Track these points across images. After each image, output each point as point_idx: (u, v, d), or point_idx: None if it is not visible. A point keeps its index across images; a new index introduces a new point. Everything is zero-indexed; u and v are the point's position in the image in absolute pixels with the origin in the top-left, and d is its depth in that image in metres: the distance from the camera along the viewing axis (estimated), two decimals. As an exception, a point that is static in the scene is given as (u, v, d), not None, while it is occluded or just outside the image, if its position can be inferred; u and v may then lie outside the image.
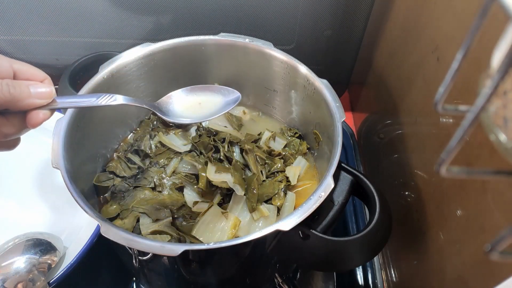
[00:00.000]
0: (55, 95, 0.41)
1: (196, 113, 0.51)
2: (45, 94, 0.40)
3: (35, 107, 0.40)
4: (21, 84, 0.39)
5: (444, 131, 0.49)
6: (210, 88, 0.54)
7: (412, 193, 0.59)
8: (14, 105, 0.38)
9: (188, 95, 0.53)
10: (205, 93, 0.53)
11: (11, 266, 0.55)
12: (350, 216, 0.77)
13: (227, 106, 0.52)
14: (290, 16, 0.77)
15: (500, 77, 0.18)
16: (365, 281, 0.69)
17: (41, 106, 0.40)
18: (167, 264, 0.51)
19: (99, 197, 0.61)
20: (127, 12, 0.76)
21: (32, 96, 0.39)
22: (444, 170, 0.23)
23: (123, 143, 0.69)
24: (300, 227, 0.45)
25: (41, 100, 0.40)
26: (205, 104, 0.52)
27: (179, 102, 0.52)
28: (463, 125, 0.21)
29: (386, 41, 0.73)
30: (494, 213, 0.37)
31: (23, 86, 0.39)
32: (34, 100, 0.39)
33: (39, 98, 0.40)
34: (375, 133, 0.78)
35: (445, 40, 0.50)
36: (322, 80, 0.59)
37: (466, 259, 0.43)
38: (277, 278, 0.60)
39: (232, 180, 0.58)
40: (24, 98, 0.39)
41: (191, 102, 0.52)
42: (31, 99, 0.39)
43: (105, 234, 0.43)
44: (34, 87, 0.40)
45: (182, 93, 0.53)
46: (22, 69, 0.42)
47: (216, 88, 0.54)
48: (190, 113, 0.51)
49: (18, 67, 0.41)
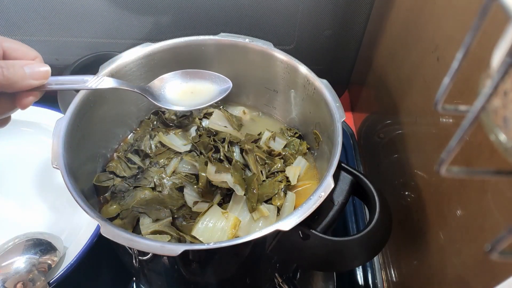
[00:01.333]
0: (50, 74, 0.39)
1: (188, 101, 0.51)
2: (42, 74, 0.38)
3: (31, 88, 0.37)
4: (15, 65, 0.36)
5: (444, 131, 0.49)
6: (202, 74, 0.53)
7: (412, 193, 0.59)
8: (9, 87, 0.36)
9: (181, 81, 0.52)
10: (197, 80, 0.53)
11: (11, 266, 0.55)
12: (350, 216, 0.77)
13: (219, 94, 0.52)
14: (290, 16, 0.77)
15: (500, 77, 0.18)
16: (365, 281, 0.69)
17: (37, 87, 0.38)
18: (167, 264, 0.51)
19: (99, 197, 0.61)
20: (127, 12, 0.76)
21: (27, 77, 0.37)
22: (444, 170, 0.23)
23: (123, 143, 0.69)
24: (300, 227, 0.45)
25: (37, 81, 0.37)
26: (197, 92, 0.52)
27: (171, 88, 0.52)
28: (463, 125, 0.21)
29: (386, 41, 0.73)
30: (494, 213, 0.37)
31: (17, 67, 0.36)
32: (30, 81, 0.37)
33: (35, 79, 0.37)
34: (375, 133, 0.78)
35: (445, 40, 0.50)
36: (322, 80, 0.59)
37: (466, 259, 0.43)
38: (277, 278, 0.60)
39: (232, 180, 0.58)
40: (19, 80, 0.36)
41: (184, 90, 0.52)
42: (27, 80, 0.37)
43: (105, 234, 0.43)
44: (30, 67, 0.37)
45: (174, 76, 0.52)
46: (12, 47, 0.39)
47: (208, 74, 0.54)
48: (182, 100, 0.51)
49: (8, 45, 0.39)
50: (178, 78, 0.52)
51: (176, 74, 0.52)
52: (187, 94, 0.52)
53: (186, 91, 0.52)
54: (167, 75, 0.52)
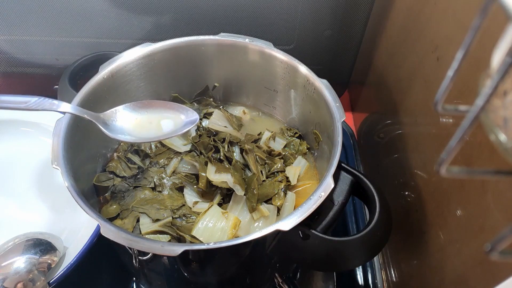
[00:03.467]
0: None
1: (144, 132, 0.50)
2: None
3: None
4: None
5: (444, 131, 0.49)
6: (167, 105, 0.52)
7: (412, 193, 0.59)
8: None
9: (134, 112, 0.51)
10: (158, 111, 0.52)
11: (11, 266, 0.55)
12: (350, 216, 0.77)
13: (183, 127, 0.51)
14: (290, 16, 0.77)
15: (500, 77, 0.18)
16: (365, 281, 0.69)
17: None
18: (167, 264, 0.51)
19: (99, 197, 0.61)
20: (127, 12, 0.76)
21: None
22: (444, 170, 0.23)
23: (123, 143, 0.69)
24: (300, 227, 0.45)
25: None
26: (156, 123, 0.51)
27: (124, 118, 0.51)
28: (463, 125, 0.21)
29: (386, 41, 0.73)
30: (494, 213, 0.37)
31: None
32: None
33: None
34: (375, 133, 0.78)
35: (445, 40, 0.50)
36: (322, 80, 0.59)
37: (466, 259, 0.43)
38: (277, 278, 0.60)
39: (232, 180, 0.58)
40: None
41: (140, 120, 0.51)
42: None
43: (105, 234, 0.43)
44: None
45: (126, 109, 0.52)
46: None
47: (174, 106, 0.52)
48: (136, 131, 0.50)
49: None
50: (132, 110, 0.52)
51: (129, 107, 0.52)
52: (144, 125, 0.51)
53: (143, 121, 0.51)
54: (119, 108, 0.52)
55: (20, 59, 0.84)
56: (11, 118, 0.75)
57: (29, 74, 0.87)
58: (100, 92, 0.59)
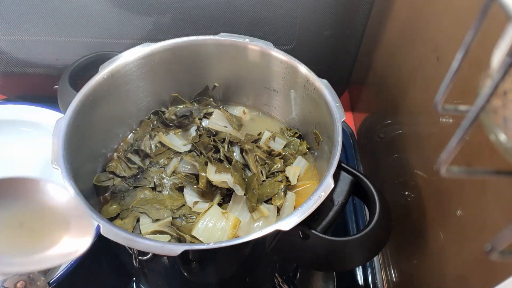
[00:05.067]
0: None
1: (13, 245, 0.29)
2: None
3: None
4: None
5: (444, 131, 0.49)
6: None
7: (412, 193, 0.59)
8: None
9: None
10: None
11: (11, 266, 0.55)
12: (350, 216, 0.77)
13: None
14: (290, 16, 0.77)
15: (500, 77, 0.18)
16: (365, 281, 0.69)
17: None
18: (167, 264, 0.51)
19: (99, 197, 0.61)
20: (127, 12, 0.76)
21: None
22: (444, 170, 0.23)
23: (123, 143, 0.69)
24: (300, 227, 0.45)
25: None
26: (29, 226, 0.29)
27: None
28: (463, 125, 0.21)
29: (386, 41, 0.73)
30: (494, 213, 0.37)
31: None
32: None
33: None
34: (375, 133, 0.78)
35: (445, 40, 0.50)
36: (322, 80, 0.59)
37: (466, 258, 0.43)
38: (277, 278, 0.60)
39: (232, 180, 0.58)
40: None
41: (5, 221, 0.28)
42: None
43: (105, 234, 0.43)
44: None
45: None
46: None
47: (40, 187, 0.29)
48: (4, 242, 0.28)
49: None
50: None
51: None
52: (14, 229, 0.29)
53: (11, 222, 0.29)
54: None
55: (20, 59, 0.84)
56: (11, 118, 0.75)
57: (29, 74, 0.87)
58: (100, 92, 0.59)
